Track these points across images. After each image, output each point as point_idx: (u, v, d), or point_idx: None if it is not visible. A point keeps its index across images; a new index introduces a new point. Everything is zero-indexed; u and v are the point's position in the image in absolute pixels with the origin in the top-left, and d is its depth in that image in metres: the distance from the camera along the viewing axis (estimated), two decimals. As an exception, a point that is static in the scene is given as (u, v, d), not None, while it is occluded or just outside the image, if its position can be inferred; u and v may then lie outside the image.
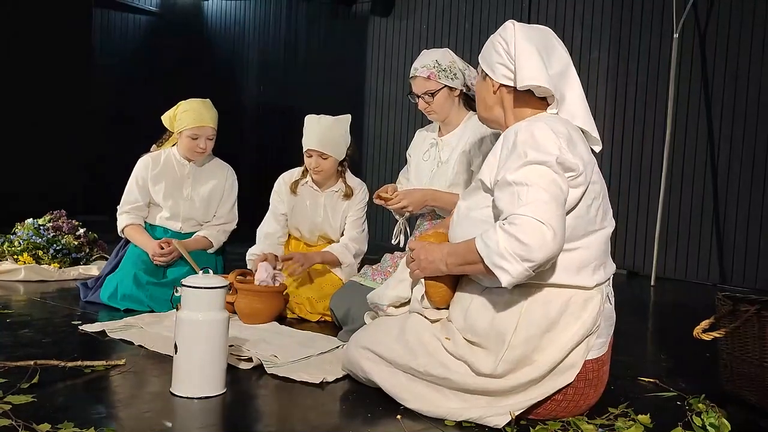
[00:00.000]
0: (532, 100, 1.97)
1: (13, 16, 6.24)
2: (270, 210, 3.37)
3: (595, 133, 1.98)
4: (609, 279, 1.97)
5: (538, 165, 1.77)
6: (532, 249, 1.68)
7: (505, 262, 1.71)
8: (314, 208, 3.30)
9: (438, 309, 2.05)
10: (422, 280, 2.04)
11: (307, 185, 3.31)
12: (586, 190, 1.85)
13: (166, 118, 3.39)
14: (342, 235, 3.33)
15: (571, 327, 1.85)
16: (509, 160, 1.82)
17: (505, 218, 1.75)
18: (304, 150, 3.22)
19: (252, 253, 3.25)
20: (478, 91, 2.10)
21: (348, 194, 3.29)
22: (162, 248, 3.21)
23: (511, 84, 1.96)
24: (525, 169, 1.77)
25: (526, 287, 1.85)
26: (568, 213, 1.82)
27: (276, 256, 3.20)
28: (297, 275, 3.12)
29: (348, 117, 3.26)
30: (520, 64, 1.91)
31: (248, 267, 3.22)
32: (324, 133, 3.15)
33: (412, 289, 2.10)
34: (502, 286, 1.75)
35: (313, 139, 3.16)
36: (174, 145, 3.45)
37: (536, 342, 1.84)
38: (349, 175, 3.34)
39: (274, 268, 3.10)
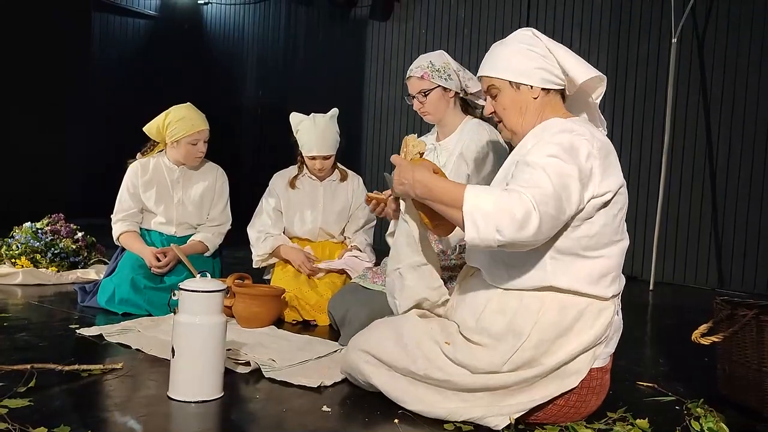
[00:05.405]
0: (560, 102, 2.01)
1: (13, 19, 6.25)
2: (263, 209, 3.44)
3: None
4: (621, 292, 1.98)
5: (562, 162, 1.76)
6: (514, 226, 1.67)
7: (482, 222, 1.69)
8: (314, 198, 3.44)
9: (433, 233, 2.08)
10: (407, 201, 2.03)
11: (305, 177, 3.47)
12: (614, 197, 1.85)
13: (152, 129, 3.35)
14: (343, 228, 3.49)
15: (583, 335, 1.86)
16: (535, 148, 1.83)
17: (508, 186, 1.76)
18: (305, 154, 3.36)
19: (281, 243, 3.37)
20: (511, 105, 1.97)
21: (344, 177, 3.49)
22: (159, 260, 3.21)
23: (557, 87, 1.97)
24: (547, 159, 1.77)
25: (544, 292, 1.86)
26: (596, 213, 1.83)
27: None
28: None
29: (336, 111, 3.39)
30: (566, 64, 1.94)
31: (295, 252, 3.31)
32: (324, 136, 3.30)
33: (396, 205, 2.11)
34: (464, 239, 1.73)
35: (316, 145, 3.30)
36: (161, 151, 3.44)
37: (547, 346, 1.85)
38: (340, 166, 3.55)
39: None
